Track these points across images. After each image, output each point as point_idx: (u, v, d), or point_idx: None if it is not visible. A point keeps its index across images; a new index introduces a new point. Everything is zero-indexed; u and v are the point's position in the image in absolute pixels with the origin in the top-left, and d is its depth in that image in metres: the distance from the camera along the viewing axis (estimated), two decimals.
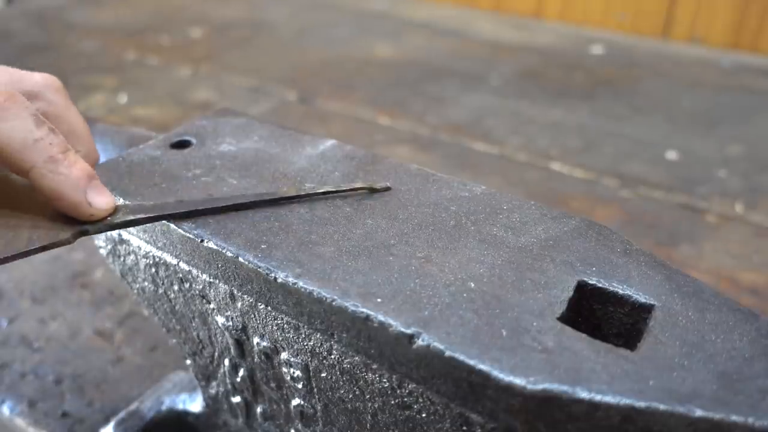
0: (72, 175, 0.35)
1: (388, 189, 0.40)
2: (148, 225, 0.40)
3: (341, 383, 0.35)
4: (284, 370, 0.39)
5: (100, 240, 0.47)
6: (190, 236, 0.37)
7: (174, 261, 0.40)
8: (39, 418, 0.63)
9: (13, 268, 0.83)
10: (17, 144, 0.34)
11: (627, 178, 1.07)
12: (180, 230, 0.37)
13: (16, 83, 0.40)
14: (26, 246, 0.35)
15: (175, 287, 0.42)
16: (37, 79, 0.41)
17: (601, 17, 1.86)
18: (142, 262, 0.43)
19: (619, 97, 1.40)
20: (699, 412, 0.25)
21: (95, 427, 0.61)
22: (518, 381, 0.27)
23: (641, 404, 0.26)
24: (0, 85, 0.38)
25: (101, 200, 0.36)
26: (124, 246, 0.44)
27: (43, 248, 0.35)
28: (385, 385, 0.33)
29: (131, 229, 0.42)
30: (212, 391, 0.49)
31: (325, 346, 0.34)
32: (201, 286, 0.40)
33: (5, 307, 0.76)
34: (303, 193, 0.39)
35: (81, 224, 0.36)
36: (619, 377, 0.27)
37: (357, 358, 0.33)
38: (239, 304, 0.38)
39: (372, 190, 0.40)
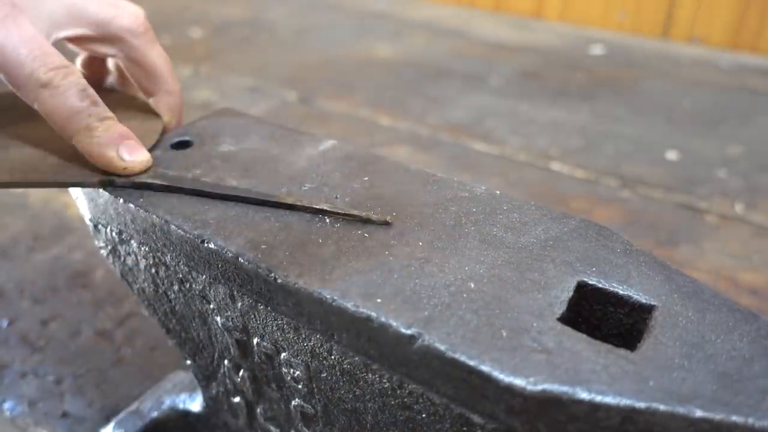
0: (104, 139, 0.41)
1: (387, 224, 0.37)
2: (148, 225, 0.40)
3: (341, 383, 0.35)
4: (284, 370, 0.39)
5: (101, 240, 0.47)
6: (190, 236, 0.37)
7: (174, 261, 0.40)
8: (39, 418, 0.63)
9: (13, 268, 0.83)
10: (62, 115, 0.41)
11: (627, 178, 1.07)
12: (180, 231, 0.37)
13: (105, 26, 0.46)
14: (55, 178, 0.41)
15: (175, 287, 0.42)
16: (123, 23, 0.46)
17: (601, 17, 1.86)
18: (142, 263, 0.43)
19: (619, 98, 1.40)
20: (699, 413, 0.26)
21: (95, 427, 0.61)
22: (518, 382, 0.27)
23: (641, 405, 0.26)
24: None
25: (133, 156, 0.41)
26: (124, 246, 0.44)
27: (70, 184, 0.41)
28: (386, 386, 0.33)
29: (131, 230, 0.42)
30: (212, 392, 0.49)
31: (325, 346, 0.34)
32: (201, 287, 0.40)
33: (5, 307, 0.76)
34: (299, 204, 0.38)
35: (111, 175, 0.41)
36: (619, 378, 0.27)
37: (357, 358, 0.33)
38: (239, 305, 0.38)
39: (367, 221, 0.37)
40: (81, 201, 0.46)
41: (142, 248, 0.42)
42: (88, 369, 0.68)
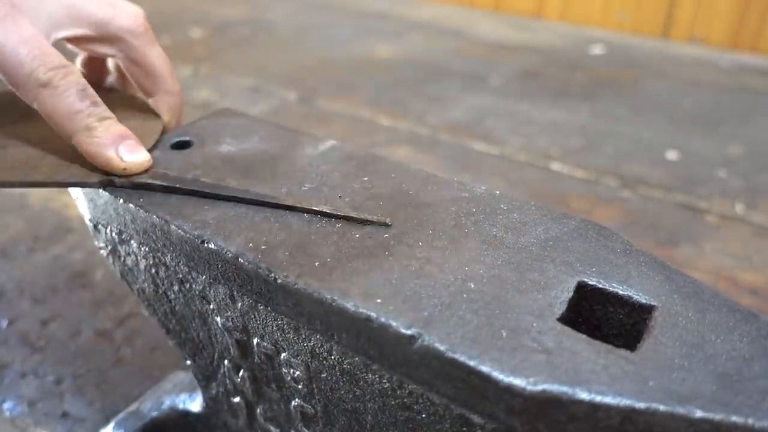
0: (104, 139, 0.41)
1: (386, 225, 0.37)
2: (148, 225, 0.40)
3: (341, 384, 0.35)
4: (284, 370, 0.39)
5: (101, 241, 0.47)
6: (190, 237, 0.37)
7: (174, 262, 0.40)
8: (39, 418, 0.63)
9: (13, 268, 0.83)
10: (62, 115, 0.41)
11: (627, 178, 1.07)
12: (180, 231, 0.37)
13: (104, 26, 0.46)
14: (55, 178, 0.41)
15: (175, 288, 0.42)
16: (122, 23, 0.46)
17: (601, 17, 1.86)
18: (142, 263, 0.43)
19: (619, 97, 1.40)
20: (699, 413, 0.26)
21: (95, 427, 0.61)
22: (518, 382, 0.27)
23: (641, 405, 0.26)
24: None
25: (132, 157, 0.41)
26: (124, 247, 0.44)
27: (70, 184, 0.41)
28: (386, 386, 0.33)
29: (131, 230, 0.42)
30: (212, 392, 0.49)
31: (325, 346, 0.34)
32: (201, 287, 0.40)
33: (5, 307, 0.76)
34: (298, 205, 0.38)
35: (111, 175, 0.41)
36: (619, 378, 0.27)
37: (357, 358, 0.33)
38: (239, 305, 0.38)
39: (365, 222, 0.37)
40: (81, 201, 0.46)
41: (142, 248, 0.42)
42: (88, 369, 0.68)
